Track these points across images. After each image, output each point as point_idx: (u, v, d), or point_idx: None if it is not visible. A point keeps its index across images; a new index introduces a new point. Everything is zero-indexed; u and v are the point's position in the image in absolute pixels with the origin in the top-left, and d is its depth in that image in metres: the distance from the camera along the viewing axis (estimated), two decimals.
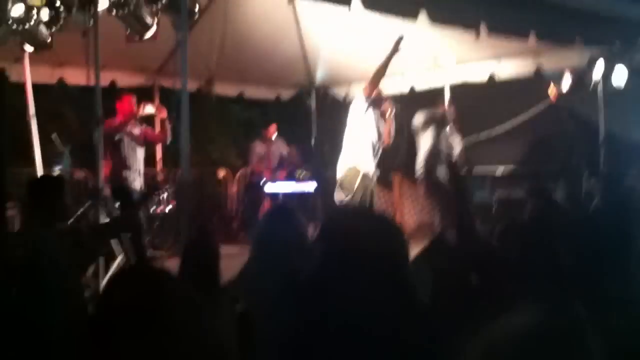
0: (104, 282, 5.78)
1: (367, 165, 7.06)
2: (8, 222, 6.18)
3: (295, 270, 2.47)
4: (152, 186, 9.28)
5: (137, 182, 7.75)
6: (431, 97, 9.35)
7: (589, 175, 8.85)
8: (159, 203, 9.00)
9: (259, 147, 9.76)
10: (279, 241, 2.85)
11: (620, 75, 7.65)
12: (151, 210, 8.90)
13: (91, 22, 5.72)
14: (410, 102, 9.79)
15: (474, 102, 9.60)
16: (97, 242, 5.24)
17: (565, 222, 3.69)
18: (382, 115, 7.16)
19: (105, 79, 7.10)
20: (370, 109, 7.01)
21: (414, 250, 3.14)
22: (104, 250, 5.91)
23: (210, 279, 3.54)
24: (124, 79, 9.04)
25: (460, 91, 9.02)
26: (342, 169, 7.09)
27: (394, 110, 7.18)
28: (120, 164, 7.60)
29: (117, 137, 7.51)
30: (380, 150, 7.19)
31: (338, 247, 2.05)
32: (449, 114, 8.31)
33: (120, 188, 7.21)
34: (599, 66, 7.59)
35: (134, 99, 7.64)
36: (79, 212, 6.71)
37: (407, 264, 2.09)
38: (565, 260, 2.94)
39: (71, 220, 6.51)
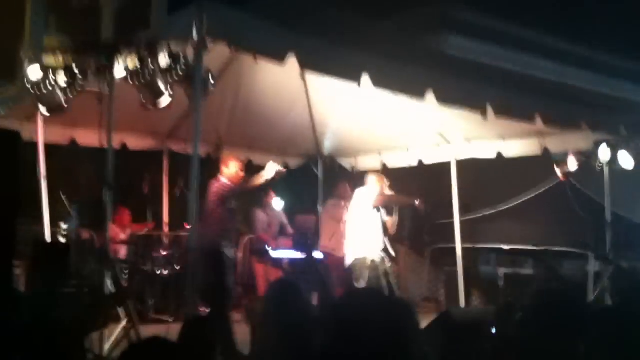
0: (107, 346, 5.76)
1: (376, 251, 7.39)
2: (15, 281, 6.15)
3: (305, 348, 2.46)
4: (157, 248, 9.32)
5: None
6: (439, 171, 9.44)
7: (597, 258, 8.82)
8: (164, 266, 8.99)
9: (261, 215, 9.84)
10: (289, 318, 2.85)
11: (625, 159, 7.71)
12: (157, 272, 8.89)
13: (107, 89, 5.85)
14: (418, 175, 9.89)
15: (482, 178, 9.66)
16: (103, 309, 5.25)
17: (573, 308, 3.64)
18: (387, 208, 7.62)
19: (116, 141, 7.18)
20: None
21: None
22: (110, 316, 5.91)
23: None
24: (135, 142, 9.16)
25: (467, 167, 9.10)
26: (350, 256, 7.45)
27: (398, 206, 7.67)
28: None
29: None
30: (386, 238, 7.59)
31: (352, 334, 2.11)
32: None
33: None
34: (604, 150, 7.67)
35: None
36: (84, 274, 6.69)
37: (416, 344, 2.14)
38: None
39: (77, 282, 6.51)
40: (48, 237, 7.77)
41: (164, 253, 9.16)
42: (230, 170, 7.09)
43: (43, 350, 3.89)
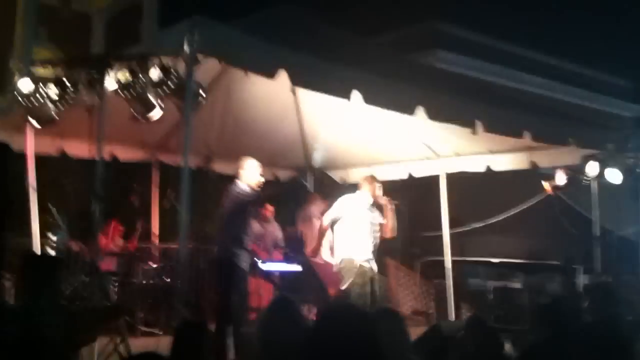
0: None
1: (364, 255, 7.27)
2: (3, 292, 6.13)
3: None
4: (147, 261, 9.28)
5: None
6: (428, 185, 9.48)
7: (584, 271, 8.88)
8: (154, 278, 8.96)
9: (255, 226, 9.76)
10: (283, 337, 2.85)
11: (612, 175, 7.78)
12: (146, 284, 8.85)
13: (97, 101, 5.85)
14: (408, 188, 9.93)
15: (471, 192, 9.71)
16: (94, 324, 5.23)
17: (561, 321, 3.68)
18: (381, 209, 7.48)
19: (105, 153, 7.15)
20: (372, 206, 7.40)
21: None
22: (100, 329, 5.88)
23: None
24: (124, 153, 9.13)
25: (457, 180, 9.14)
26: (338, 257, 7.36)
27: (393, 206, 7.50)
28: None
29: None
30: (378, 242, 7.45)
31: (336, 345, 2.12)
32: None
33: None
34: (592, 166, 7.73)
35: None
36: (74, 287, 6.67)
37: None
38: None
39: (67, 294, 6.48)
40: (37, 248, 7.73)
41: (154, 265, 9.12)
42: (249, 173, 6.88)
43: None
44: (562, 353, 3.08)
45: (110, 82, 5.60)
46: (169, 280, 8.83)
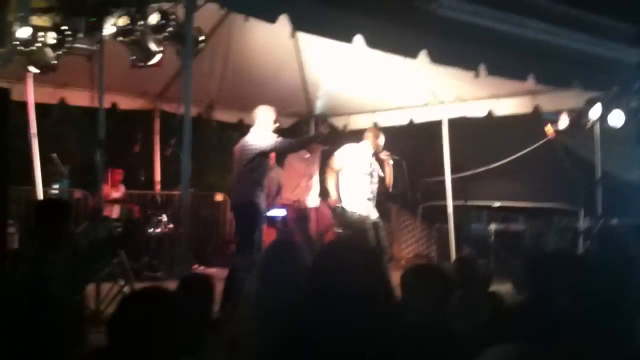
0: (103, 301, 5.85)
1: (363, 204, 7.33)
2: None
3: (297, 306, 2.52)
4: (150, 208, 9.36)
5: None
6: (431, 130, 9.45)
7: (585, 214, 8.93)
8: (156, 225, 9.05)
9: None
10: (283, 277, 2.88)
11: (616, 118, 7.74)
12: (149, 232, 8.95)
13: (97, 47, 5.82)
14: (409, 134, 9.91)
15: (473, 137, 9.69)
16: (97, 258, 5.31)
17: (562, 261, 3.71)
18: (381, 161, 7.56)
19: (106, 102, 7.14)
20: (373, 157, 7.46)
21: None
22: (104, 270, 5.97)
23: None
24: (125, 102, 9.11)
25: (459, 125, 9.12)
26: (342, 206, 7.40)
27: (392, 161, 7.62)
28: None
29: None
30: (375, 192, 7.51)
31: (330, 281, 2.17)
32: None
33: None
34: (596, 109, 7.68)
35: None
36: (77, 231, 6.73)
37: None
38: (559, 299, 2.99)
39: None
40: (40, 197, 7.78)
41: (156, 212, 9.21)
42: (266, 121, 7.01)
43: (40, 306, 3.95)
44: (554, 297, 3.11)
45: (109, 28, 5.55)
46: (171, 226, 8.93)
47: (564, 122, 8.07)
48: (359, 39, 5.34)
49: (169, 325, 2.15)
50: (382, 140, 7.50)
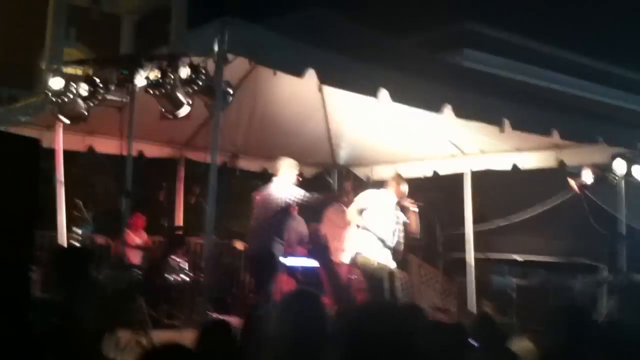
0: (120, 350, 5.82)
1: (383, 252, 7.31)
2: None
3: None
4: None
5: None
6: (454, 182, 9.44)
7: (609, 271, 8.81)
8: (178, 272, 9.03)
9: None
10: (300, 326, 2.87)
11: None
12: (171, 279, 8.94)
13: (127, 99, 5.93)
14: (433, 186, 9.89)
15: (497, 189, 9.66)
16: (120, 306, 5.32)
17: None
18: (404, 209, 7.51)
19: (133, 150, 7.23)
20: (396, 205, 7.46)
21: None
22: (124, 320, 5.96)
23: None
24: (152, 150, 9.22)
25: (484, 177, 9.10)
26: (360, 254, 7.37)
27: (417, 208, 7.54)
28: None
29: None
30: (401, 241, 7.50)
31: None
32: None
33: None
34: (620, 165, 7.65)
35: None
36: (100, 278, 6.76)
37: None
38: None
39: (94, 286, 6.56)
40: (63, 242, 7.84)
41: (179, 260, 9.20)
42: (287, 172, 7.22)
43: (59, 355, 3.96)
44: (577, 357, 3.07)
45: (140, 80, 5.67)
46: (192, 274, 8.92)
47: (587, 176, 8.03)
48: (384, 93, 5.40)
49: None
50: (405, 187, 7.50)
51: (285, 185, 6.98)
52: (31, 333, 4.14)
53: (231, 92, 5.71)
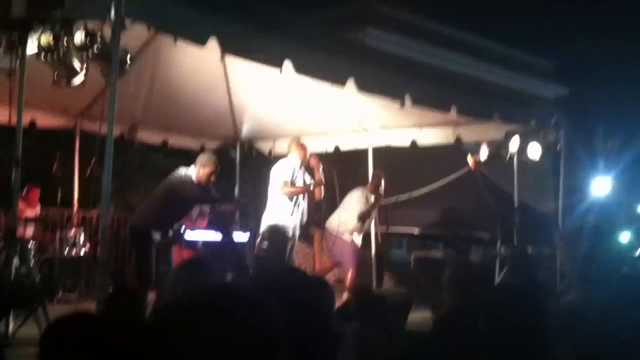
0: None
1: (290, 220, 7.43)
2: None
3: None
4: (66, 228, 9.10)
5: None
6: (355, 157, 9.57)
7: (502, 242, 9.19)
8: (73, 245, 8.82)
9: None
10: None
11: (534, 151, 8.03)
12: (65, 252, 8.71)
13: (17, 64, 5.62)
14: (335, 161, 9.98)
15: (397, 165, 9.86)
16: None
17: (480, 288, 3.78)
18: (310, 172, 7.64)
19: (24, 119, 6.90)
20: (302, 169, 7.56)
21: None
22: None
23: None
24: (44, 119, 8.82)
25: (384, 154, 9.27)
26: (265, 222, 7.48)
27: (321, 167, 7.67)
28: None
29: None
30: (305, 206, 7.61)
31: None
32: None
33: None
34: (515, 141, 7.95)
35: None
36: None
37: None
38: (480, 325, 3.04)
39: None
40: None
41: (72, 232, 8.98)
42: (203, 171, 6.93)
43: None
44: (470, 320, 3.16)
45: (32, 46, 5.38)
46: (88, 248, 8.75)
47: (484, 153, 8.32)
48: (288, 64, 5.35)
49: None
50: (307, 151, 7.63)
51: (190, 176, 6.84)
52: None
53: (129, 60, 5.52)
